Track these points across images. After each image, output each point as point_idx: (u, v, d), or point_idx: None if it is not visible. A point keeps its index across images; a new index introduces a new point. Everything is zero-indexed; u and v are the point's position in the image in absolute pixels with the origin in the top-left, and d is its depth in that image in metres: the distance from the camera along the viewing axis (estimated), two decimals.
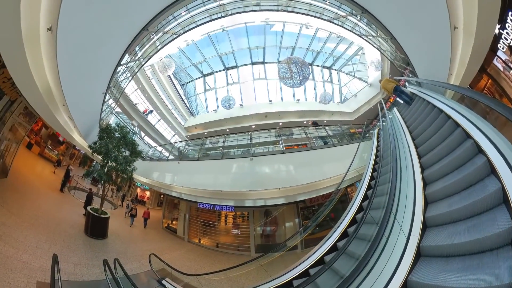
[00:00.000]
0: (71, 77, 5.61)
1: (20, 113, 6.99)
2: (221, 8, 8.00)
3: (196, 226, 11.69)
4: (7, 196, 6.35)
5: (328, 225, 6.75)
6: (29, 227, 5.63)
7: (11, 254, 4.30)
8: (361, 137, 9.09)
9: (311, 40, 16.10)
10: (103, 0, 4.52)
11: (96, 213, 7.68)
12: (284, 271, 5.12)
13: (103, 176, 8.17)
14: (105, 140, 8.34)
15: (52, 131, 11.50)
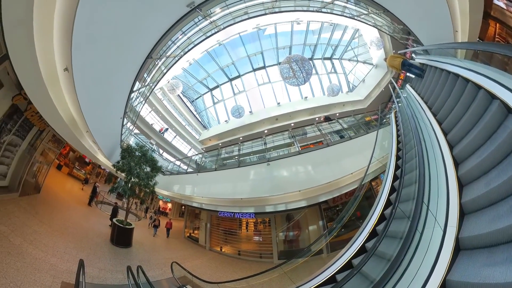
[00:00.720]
0: (91, 107, 6.22)
1: (49, 140, 7.92)
2: (213, 25, 8.34)
3: (218, 234, 11.72)
4: (40, 208, 7.05)
5: (355, 225, 6.19)
6: (58, 235, 6.12)
7: (40, 257, 4.67)
8: (378, 124, 8.42)
9: (305, 34, 15.88)
10: (107, 38, 4.95)
11: (121, 224, 8.15)
12: (308, 278, 4.79)
13: (127, 191, 8.80)
14: (127, 159, 9.00)
15: (79, 154, 12.84)
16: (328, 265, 4.67)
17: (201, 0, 5.54)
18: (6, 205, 5.68)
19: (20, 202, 6.43)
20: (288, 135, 12.50)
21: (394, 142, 5.15)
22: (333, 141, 9.32)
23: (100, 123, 7.76)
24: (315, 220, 9.04)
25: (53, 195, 8.83)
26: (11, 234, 4.78)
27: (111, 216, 9.45)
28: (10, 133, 5.71)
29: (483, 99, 2.71)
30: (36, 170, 7.52)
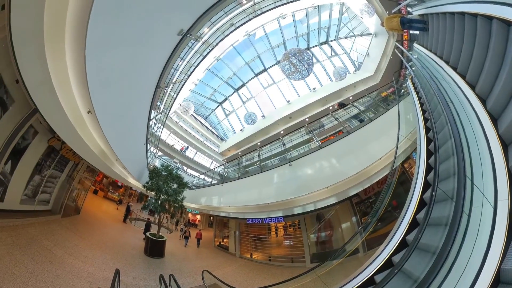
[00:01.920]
0: (117, 139, 6.93)
1: (84, 170, 9.10)
2: (206, 44, 8.83)
3: (247, 241, 11.62)
4: (80, 226, 7.92)
5: (392, 217, 5.39)
6: (96, 248, 6.75)
7: (79, 266, 5.12)
8: (397, 97, 7.43)
9: (294, 26, 15.61)
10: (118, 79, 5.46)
11: (154, 237, 8.70)
12: (344, 281, 4.34)
13: (158, 207, 9.51)
14: (155, 179, 9.78)
15: (111, 179, 14.50)
16: (365, 265, 4.15)
17: (189, 26, 5.85)
18: (50, 225, 6.54)
19: (62, 222, 7.35)
20: (305, 131, 12.13)
21: (419, 112, 4.40)
22: (353, 128, 8.52)
23: (127, 151, 8.58)
24: (348, 217, 8.18)
25: (91, 215, 9.94)
26: (54, 247, 5.41)
27: (145, 231, 10.15)
28: (50, 168, 6.76)
29: (499, 31, 2.20)
30: (75, 196, 8.66)
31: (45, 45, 3.44)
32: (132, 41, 4.79)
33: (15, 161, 5.25)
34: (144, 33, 4.94)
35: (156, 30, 5.28)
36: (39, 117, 5.12)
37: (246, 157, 14.40)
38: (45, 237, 5.53)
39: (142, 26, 4.68)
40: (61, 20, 3.40)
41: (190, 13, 5.66)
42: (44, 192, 6.56)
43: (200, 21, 6.03)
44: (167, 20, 5.31)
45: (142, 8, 4.30)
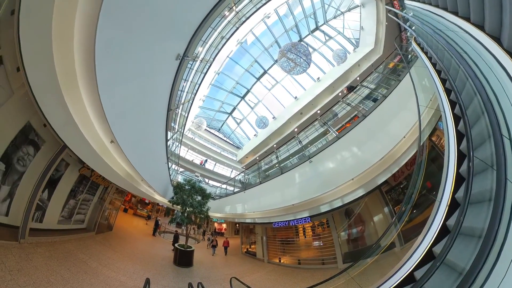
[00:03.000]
0: (140, 161, 7.49)
1: (114, 192, 9.99)
2: (204, 61, 9.21)
3: (275, 246, 11.25)
4: (112, 241, 8.53)
5: (428, 201, 4.60)
6: (128, 260, 7.14)
7: (112, 276, 5.46)
8: (406, 64, 6.66)
9: (281, 22, 15.45)
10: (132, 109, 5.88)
11: (182, 248, 8.97)
12: (380, 281, 3.87)
13: (185, 219, 9.89)
14: (179, 193, 10.28)
15: (139, 198, 15.61)
16: (402, 261, 3.62)
17: (183, 49, 6.17)
18: (85, 241, 7.18)
19: (96, 238, 8.01)
20: (319, 124, 11.60)
21: (434, 75, 3.75)
22: (368, 109, 7.76)
23: (151, 171, 9.18)
24: (379, 208, 7.28)
25: (123, 231, 10.71)
26: (89, 260, 5.88)
27: (173, 242, 10.58)
28: (83, 193, 7.55)
29: None
30: (107, 214, 9.49)
31: (62, 93, 3.92)
32: (137, 74, 5.19)
33: (51, 189, 6.02)
34: (146, 65, 5.33)
35: (156, 60, 5.63)
36: (68, 152, 5.81)
37: (264, 161, 14.20)
38: (80, 251, 6.10)
39: (142, 59, 5.05)
40: (71, 69, 3.82)
41: (181, 37, 5.97)
42: (79, 213, 7.37)
43: (192, 42, 6.32)
44: (164, 49, 5.65)
45: (139, 44, 4.66)
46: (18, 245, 4.50)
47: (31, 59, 3.56)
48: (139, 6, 4.07)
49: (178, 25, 5.60)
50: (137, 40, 4.52)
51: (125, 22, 3.96)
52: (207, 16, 6.01)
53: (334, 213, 8.95)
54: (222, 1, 6.08)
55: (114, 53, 4.12)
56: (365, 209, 7.90)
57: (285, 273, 8.74)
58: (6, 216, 4.47)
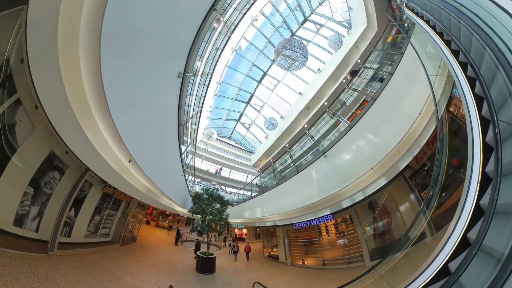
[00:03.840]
0: (158, 176, 7.93)
1: (136, 206, 10.59)
2: (204, 75, 9.54)
3: (297, 247, 10.83)
4: (136, 251, 8.89)
5: (457, 180, 4.00)
6: (152, 269, 7.37)
7: (136, 284, 5.64)
8: (404, 34, 6.09)
9: (269, 21, 15.50)
10: (144, 128, 6.30)
11: (204, 255, 9.09)
12: (412, 277, 3.40)
13: (205, 228, 10.14)
14: (198, 203, 10.62)
15: (160, 210, 16.26)
16: (435, 252, 3.20)
17: (183, 66, 6.49)
18: (110, 252, 7.58)
19: (121, 249, 8.43)
20: (329, 116, 11.16)
21: (436, 38, 3.33)
22: (376, 91, 7.23)
23: (169, 185, 9.64)
24: (404, 196, 6.53)
25: (146, 242, 11.16)
26: (114, 269, 6.19)
27: (195, 250, 10.76)
28: (107, 209, 8.12)
29: None
30: (130, 227, 10.05)
31: (80, 123, 4.36)
32: (144, 96, 5.57)
33: (78, 207, 6.60)
34: (151, 87, 5.69)
35: (159, 81, 5.99)
36: (91, 173, 6.36)
37: (278, 162, 14.08)
38: (106, 262, 6.47)
39: (146, 82, 5.40)
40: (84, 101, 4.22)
41: (179, 56, 6.29)
42: (104, 227, 7.93)
43: (190, 59, 6.61)
44: (164, 70, 5.99)
45: (141, 69, 4.99)
46: (47, 256, 4.92)
47: (46, 98, 4.00)
48: (134, 36, 4.36)
49: (173, 45, 5.91)
50: (138, 65, 4.85)
51: (125, 52, 4.27)
52: (198, 32, 6.28)
53: (357, 207, 8.34)
54: (208, 16, 6.29)
55: (120, 81, 4.45)
56: (389, 199, 7.19)
57: (309, 275, 8.31)
58: (36, 232, 4.99)
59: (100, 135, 5.12)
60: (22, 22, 3.27)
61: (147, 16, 4.50)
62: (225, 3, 7.14)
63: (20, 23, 3.31)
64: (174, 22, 5.46)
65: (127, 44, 4.27)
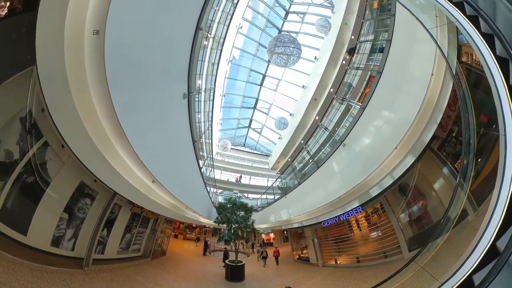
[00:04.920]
0: (181, 192, 8.38)
1: (163, 222, 11.11)
2: (207, 90, 10.10)
3: (328, 246, 10.10)
4: (166, 264, 9.17)
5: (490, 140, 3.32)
6: (182, 279, 7.59)
7: None
8: None
9: (254, 25, 15.99)
10: (163, 151, 6.76)
11: (233, 263, 9.07)
12: (457, 264, 2.93)
13: (232, 236, 10.25)
14: (222, 213, 10.83)
15: (187, 223, 16.84)
16: (480, 231, 2.74)
17: (186, 87, 6.98)
18: (142, 266, 7.97)
19: (152, 263, 8.82)
20: (338, 102, 10.68)
21: None
22: (380, 63, 6.63)
23: (192, 198, 10.13)
24: (437, 171, 5.59)
25: (175, 254, 11.51)
26: (146, 281, 6.48)
27: (224, 259, 10.84)
28: (136, 227, 8.72)
29: None
30: (160, 242, 10.57)
31: (103, 154, 4.92)
32: (157, 121, 6.09)
33: (109, 228, 7.24)
34: (161, 112, 6.21)
35: (167, 105, 6.52)
36: (119, 196, 6.99)
37: (296, 160, 13.87)
38: (138, 275, 6.84)
39: (156, 108, 5.91)
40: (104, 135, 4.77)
41: (180, 80, 6.80)
42: (135, 244, 8.50)
43: (191, 79, 7.09)
44: (170, 94, 6.51)
45: (149, 98, 5.47)
46: (82, 272, 5.41)
47: (70, 137, 4.58)
48: (136, 71, 4.82)
49: (172, 71, 6.40)
50: (145, 96, 5.34)
51: (131, 86, 4.75)
52: (191, 54, 6.69)
53: (387, 194, 7.48)
54: (196, 36, 6.67)
55: (132, 112, 4.93)
56: (421, 178, 6.29)
57: (343, 275, 7.66)
58: (72, 250, 5.58)
59: (123, 162, 5.65)
60: (35, 79, 3.81)
61: (144, 52, 4.93)
62: (208, 20, 7.50)
63: (33, 80, 3.85)
64: (168, 51, 5.89)
65: (131, 79, 4.73)
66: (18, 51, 3.55)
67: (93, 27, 3.95)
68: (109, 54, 3.81)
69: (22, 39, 3.50)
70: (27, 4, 3.28)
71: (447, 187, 5.05)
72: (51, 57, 3.66)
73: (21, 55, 3.62)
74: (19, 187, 4.18)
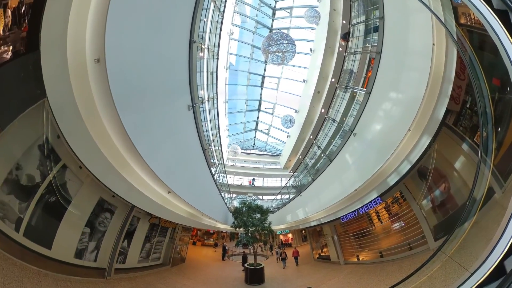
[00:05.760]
0: (197, 200, 8.63)
1: (182, 230, 11.32)
2: (210, 99, 10.39)
3: (349, 242, 9.63)
4: (186, 271, 9.32)
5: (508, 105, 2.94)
6: (201, 285, 7.68)
7: None
8: None
9: (244, 27, 16.24)
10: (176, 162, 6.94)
11: (252, 266, 9.01)
12: (486, 251, 2.71)
13: (249, 239, 10.28)
14: (239, 217, 10.95)
15: (204, 230, 17.09)
16: (509, 210, 2.59)
17: (189, 99, 7.23)
18: (162, 273, 8.16)
19: (172, 270, 9.00)
20: (342, 91, 10.33)
21: None
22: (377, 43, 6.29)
23: (208, 205, 10.37)
24: (456, 149, 5.04)
25: (194, 261, 11.67)
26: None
27: (243, 262, 10.79)
28: (155, 237, 9.01)
29: None
30: (179, 250, 10.80)
31: (119, 172, 5.22)
32: (166, 136, 6.37)
33: (130, 239, 7.57)
34: (169, 126, 6.47)
35: (175, 119, 6.79)
36: (137, 209, 7.33)
37: (308, 156, 13.61)
38: (158, 282, 7.05)
39: (164, 124, 6.16)
40: (118, 154, 5.04)
41: (183, 93, 7.01)
42: (155, 252, 8.78)
43: (193, 91, 7.29)
44: (175, 109, 6.76)
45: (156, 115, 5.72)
46: (104, 281, 5.70)
47: (87, 159, 4.90)
48: (141, 91, 5.09)
49: (175, 86, 6.68)
50: (153, 113, 5.61)
51: (138, 105, 5.02)
52: (189, 67, 6.90)
53: (406, 180, 6.94)
54: (191, 50, 6.87)
55: (142, 130, 5.20)
56: (440, 159, 5.74)
57: (366, 272, 7.20)
58: (95, 262, 5.90)
59: (138, 176, 5.96)
60: (48, 110, 4.14)
61: (145, 73, 5.18)
62: (199, 32, 7.76)
63: (46, 111, 4.18)
64: (167, 68, 6.18)
65: (137, 100, 5.00)
66: (29, 87, 3.87)
67: (94, 56, 4.20)
68: (112, 79, 4.05)
69: (31, 76, 3.82)
70: (29, 45, 3.55)
71: (470, 165, 4.52)
72: (60, 88, 3.97)
73: (32, 90, 3.94)
74: (42, 206, 4.56)
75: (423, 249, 5.76)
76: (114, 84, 4.07)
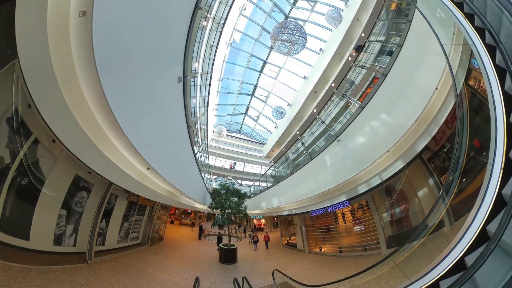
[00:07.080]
0: (176, 178, 8.35)
1: (160, 209, 11.36)
2: (204, 74, 9.51)
3: (314, 235, 10.96)
4: (164, 249, 9.72)
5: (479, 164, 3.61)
6: (179, 263, 8.08)
7: (166, 278, 6.35)
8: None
9: (259, 7, 14.67)
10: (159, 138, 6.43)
11: (226, 247, 9.74)
12: (427, 268, 3.35)
13: (225, 221, 10.78)
14: (217, 198, 11.21)
15: (182, 209, 17.36)
16: (452, 243, 3.07)
17: (181, 71, 6.51)
18: (141, 253, 8.38)
19: (150, 249, 9.30)
20: (338, 98, 10.61)
21: None
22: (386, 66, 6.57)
23: (187, 185, 10.22)
24: (423, 180, 6.08)
25: (172, 239, 12.14)
26: (146, 267, 6.93)
27: (217, 242, 11.61)
28: (133, 216, 8.88)
29: None
30: (157, 228, 10.99)
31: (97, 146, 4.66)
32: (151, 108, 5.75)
33: (108, 218, 7.35)
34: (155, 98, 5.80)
35: (162, 90, 6.10)
36: (115, 186, 6.96)
37: (291, 150, 14.15)
38: (138, 261, 7.26)
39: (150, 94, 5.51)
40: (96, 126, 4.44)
41: (175, 62, 6.29)
42: (133, 232, 8.79)
43: (187, 62, 6.60)
44: (164, 79, 6.04)
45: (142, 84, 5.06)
46: (86, 265, 5.66)
47: (61, 131, 4.30)
48: (128, 54, 4.37)
49: (167, 54, 5.90)
50: (139, 81, 4.95)
51: (123, 71, 4.34)
52: (188, 35, 6.19)
53: (374, 192, 8.05)
54: (195, 16, 6.08)
55: (125, 99, 4.60)
56: (407, 183, 6.78)
57: (326, 262, 8.48)
58: (74, 246, 5.72)
59: (117, 151, 5.47)
60: (18, 73, 3.44)
61: (137, 33, 4.48)
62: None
63: (16, 75, 3.48)
64: (163, 32, 5.39)
65: (123, 64, 4.33)
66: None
67: (79, 8, 3.47)
68: (97, 37, 3.43)
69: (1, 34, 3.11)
70: None
71: (430, 197, 5.54)
72: (34, 46, 3.28)
73: (1, 50, 3.23)
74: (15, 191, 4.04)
75: (376, 253, 7.10)
76: (98, 42, 3.45)
